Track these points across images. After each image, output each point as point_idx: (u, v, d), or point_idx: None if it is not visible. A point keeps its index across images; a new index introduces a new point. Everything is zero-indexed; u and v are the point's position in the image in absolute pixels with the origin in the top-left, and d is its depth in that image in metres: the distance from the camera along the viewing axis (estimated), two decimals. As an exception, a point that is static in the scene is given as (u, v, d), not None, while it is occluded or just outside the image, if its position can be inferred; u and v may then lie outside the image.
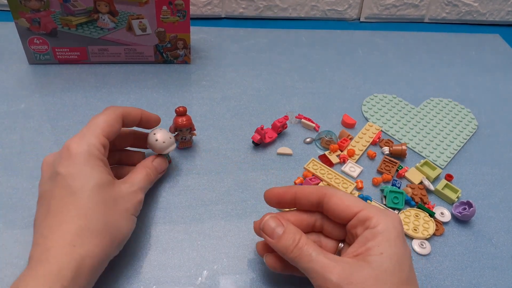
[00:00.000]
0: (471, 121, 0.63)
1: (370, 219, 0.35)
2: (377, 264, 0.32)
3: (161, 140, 0.47)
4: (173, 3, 0.60)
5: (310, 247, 0.34)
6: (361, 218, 0.35)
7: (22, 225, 0.44)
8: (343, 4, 0.83)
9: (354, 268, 0.33)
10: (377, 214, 0.35)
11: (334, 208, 0.37)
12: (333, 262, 0.33)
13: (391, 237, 0.34)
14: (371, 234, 0.34)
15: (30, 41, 0.62)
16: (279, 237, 0.35)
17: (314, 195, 0.38)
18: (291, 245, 0.35)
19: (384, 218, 0.35)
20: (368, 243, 0.34)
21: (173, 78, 0.65)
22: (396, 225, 0.35)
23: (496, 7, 0.85)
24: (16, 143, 0.53)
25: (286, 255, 0.35)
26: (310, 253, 0.34)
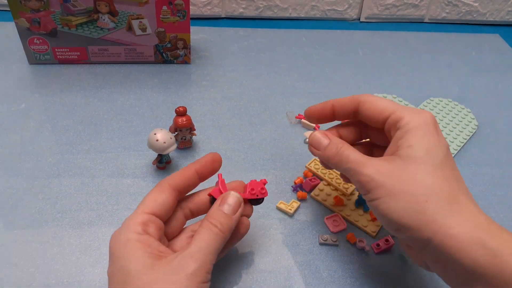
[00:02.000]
0: (471, 121, 0.63)
1: (401, 120, 0.36)
2: (405, 155, 0.34)
3: (162, 140, 0.47)
4: (173, 3, 0.60)
5: (349, 151, 0.37)
6: (393, 120, 0.37)
7: (22, 225, 0.44)
8: (343, 4, 0.83)
9: (384, 162, 0.35)
10: (408, 114, 0.36)
11: (368, 113, 0.39)
12: (366, 159, 0.36)
13: (420, 131, 0.35)
14: (402, 132, 0.36)
15: (30, 41, 0.62)
16: (325, 148, 0.39)
17: (349, 104, 0.40)
18: (334, 152, 0.38)
19: (415, 116, 0.36)
20: (399, 141, 0.35)
21: (173, 78, 0.65)
22: (428, 121, 0.36)
23: (496, 7, 0.85)
24: (16, 143, 0.53)
25: (330, 162, 0.39)
26: (348, 155, 0.37)
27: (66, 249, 0.43)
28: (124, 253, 0.33)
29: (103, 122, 0.57)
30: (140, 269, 0.32)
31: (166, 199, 0.37)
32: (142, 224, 0.35)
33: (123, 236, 0.34)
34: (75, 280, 0.40)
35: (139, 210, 0.36)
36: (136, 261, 0.32)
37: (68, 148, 0.53)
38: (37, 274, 0.40)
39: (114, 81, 0.64)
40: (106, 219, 0.46)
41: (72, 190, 0.48)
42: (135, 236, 0.34)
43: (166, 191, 0.37)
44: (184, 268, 0.32)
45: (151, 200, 0.36)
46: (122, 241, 0.34)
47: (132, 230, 0.34)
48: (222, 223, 0.35)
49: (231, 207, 0.36)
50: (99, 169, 0.51)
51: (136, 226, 0.34)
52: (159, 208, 0.36)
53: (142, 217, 0.35)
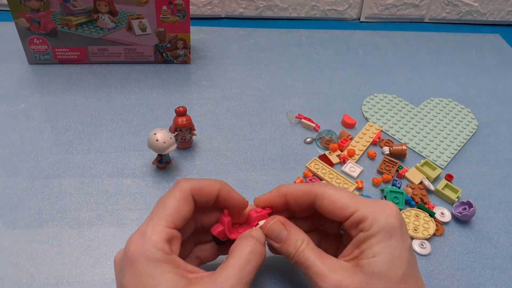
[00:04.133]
0: (471, 121, 0.63)
1: (364, 221, 0.34)
2: (369, 267, 0.32)
3: (162, 140, 0.47)
4: (173, 3, 0.60)
5: (310, 252, 0.35)
6: (355, 221, 0.35)
7: (22, 225, 0.44)
8: (343, 4, 0.83)
9: (346, 275, 0.33)
10: (372, 213, 0.34)
11: (328, 210, 0.36)
12: (327, 270, 0.33)
13: (385, 237, 0.33)
14: (365, 237, 0.34)
15: (30, 41, 0.62)
16: (283, 242, 0.36)
17: (305, 198, 0.37)
18: (293, 252, 0.35)
19: (379, 216, 0.34)
20: (361, 246, 0.34)
21: (173, 78, 0.65)
22: (392, 221, 0.34)
23: (496, 7, 0.85)
24: (16, 143, 0.53)
25: (288, 259, 0.36)
26: (307, 259, 0.34)
27: (66, 249, 0.43)
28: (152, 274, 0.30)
29: (103, 122, 0.57)
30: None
31: (190, 212, 0.34)
32: (167, 241, 0.32)
33: (150, 253, 0.31)
34: (75, 280, 0.40)
35: (162, 221, 0.32)
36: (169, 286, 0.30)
37: (68, 148, 0.53)
38: (37, 274, 0.40)
39: (114, 81, 0.64)
40: (106, 219, 0.46)
41: (72, 190, 0.48)
42: (163, 256, 0.31)
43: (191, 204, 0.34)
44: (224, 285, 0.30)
45: (175, 211, 0.33)
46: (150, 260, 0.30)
47: (159, 248, 0.31)
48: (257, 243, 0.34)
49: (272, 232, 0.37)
50: (99, 169, 0.51)
51: (162, 244, 0.31)
52: (182, 222, 0.33)
53: (167, 232, 0.32)
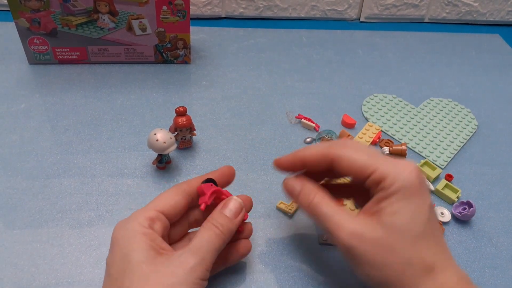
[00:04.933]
0: (471, 121, 0.63)
1: (384, 180, 0.34)
2: (388, 224, 0.33)
3: (162, 140, 0.47)
4: (173, 3, 0.60)
5: (324, 205, 0.36)
6: (375, 180, 0.34)
7: (22, 225, 0.44)
8: (343, 4, 0.83)
9: (365, 228, 0.34)
10: (392, 171, 0.34)
11: (347, 171, 0.36)
12: (346, 221, 0.34)
13: (405, 195, 0.33)
14: (386, 194, 0.34)
15: (30, 41, 0.62)
16: (297, 195, 0.38)
17: (322, 162, 0.37)
18: (306, 203, 0.37)
19: (399, 174, 0.34)
20: (382, 203, 0.34)
21: (173, 78, 0.65)
22: (413, 179, 0.33)
23: (496, 7, 0.85)
24: (16, 143, 0.53)
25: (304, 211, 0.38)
26: (324, 213, 0.35)
27: (66, 249, 0.43)
28: (127, 243, 0.33)
29: (103, 122, 0.57)
30: (142, 259, 0.32)
31: (179, 202, 0.37)
32: (149, 219, 0.35)
33: (129, 226, 0.34)
34: (75, 280, 0.40)
35: (150, 206, 0.36)
36: (139, 252, 0.33)
37: (68, 148, 0.53)
38: (37, 274, 0.40)
39: (114, 81, 0.64)
40: (106, 219, 0.46)
41: (72, 190, 0.48)
42: (141, 229, 0.34)
43: (181, 195, 0.38)
44: (183, 263, 0.33)
45: (164, 199, 0.37)
46: (128, 232, 0.34)
47: (139, 222, 0.35)
48: (223, 225, 0.36)
49: (233, 211, 0.37)
50: (99, 169, 0.51)
51: (143, 220, 0.35)
52: (169, 208, 0.37)
53: (151, 213, 0.36)
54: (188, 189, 0.38)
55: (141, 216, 0.35)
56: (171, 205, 0.37)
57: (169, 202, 0.37)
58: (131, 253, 0.33)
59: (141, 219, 0.35)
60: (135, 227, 0.34)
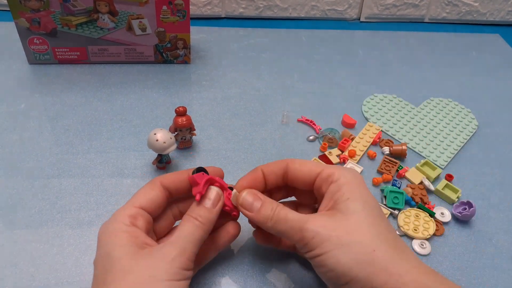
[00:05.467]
0: (471, 121, 0.63)
1: (332, 175, 0.37)
2: (345, 208, 0.35)
3: (162, 140, 0.47)
4: (173, 3, 0.60)
5: (285, 210, 0.36)
6: (324, 176, 0.37)
7: (22, 225, 0.44)
8: (343, 4, 0.83)
9: (325, 216, 0.35)
10: (338, 170, 0.37)
11: (297, 174, 0.39)
12: (306, 216, 0.35)
13: (354, 185, 0.36)
14: (336, 187, 0.36)
15: (30, 41, 0.62)
16: (258, 210, 0.37)
17: (278, 167, 0.40)
18: (270, 213, 0.37)
19: (345, 171, 0.37)
20: (335, 195, 0.36)
21: (173, 78, 0.65)
22: (357, 175, 0.37)
23: (496, 7, 0.85)
24: (16, 143, 0.53)
25: (265, 225, 0.37)
26: (285, 215, 0.36)
27: (66, 249, 0.43)
28: (109, 242, 0.34)
29: (103, 122, 0.57)
30: (122, 255, 0.33)
31: (156, 196, 0.37)
32: (130, 216, 0.35)
33: (110, 226, 0.35)
34: (75, 280, 0.40)
35: (129, 204, 0.36)
36: (120, 249, 0.33)
37: (68, 148, 0.53)
38: (37, 274, 0.40)
39: (114, 81, 0.64)
40: (106, 219, 0.45)
41: (72, 190, 0.48)
42: (123, 227, 0.34)
43: (157, 189, 0.38)
44: (165, 255, 0.33)
45: (141, 195, 0.37)
46: (109, 231, 0.34)
47: (120, 221, 0.35)
48: (202, 216, 0.36)
49: (211, 201, 0.37)
50: (99, 169, 0.51)
51: (124, 218, 0.35)
52: (148, 203, 0.37)
53: (131, 210, 0.36)
54: (164, 182, 0.38)
55: (121, 215, 0.35)
56: (149, 200, 0.37)
57: (146, 197, 0.37)
58: (112, 251, 0.33)
59: (121, 217, 0.35)
60: (116, 226, 0.35)
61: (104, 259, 0.33)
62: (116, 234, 0.34)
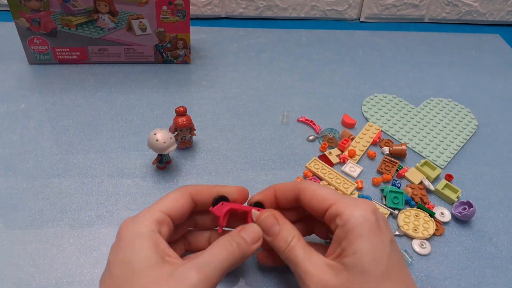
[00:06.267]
0: (471, 121, 0.63)
1: (340, 215, 0.35)
2: (351, 265, 0.33)
3: (162, 140, 0.47)
4: (173, 3, 0.60)
5: (300, 249, 0.36)
6: (332, 214, 0.36)
7: (22, 225, 0.44)
8: (343, 4, 0.83)
9: (330, 274, 0.34)
10: (348, 208, 0.35)
11: (308, 202, 0.38)
12: (314, 269, 0.34)
13: (363, 232, 0.33)
14: (343, 232, 0.34)
15: (30, 41, 0.62)
16: (275, 236, 0.37)
17: (290, 192, 0.39)
18: (283, 246, 0.36)
19: (355, 211, 0.34)
20: (342, 243, 0.34)
21: (173, 78, 0.65)
22: (368, 216, 0.34)
23: (496, 7, 0.85)
24: (16, 143, 0.53)
25: (278, 254, 0.37)
26: (297, 256, 0.35)
27: (66, 249, 0.43)
28: (132, 246, 0.33)
29: (103, 122, 0.57)
30: (144, 267, 0.32)
31: (183, 205, 0.37)
32: (157, 222, 0.35)
33: (136, 228, 0.34)
34: (75, 280, 0.40)
35: (157, 207, 0.36)
36: (143, 259, 0.32)
37: (68, 148, 0.53)
38: (37, 274, 0.40)
39: (114, 81, 0.64)
40: (106, 219, 0.46)
41: (72, 190, 0.48)
42: (148, 232, 0.34)
43: (186, 198, 0.37)
44: (186, 278, 0.31)
45: (169, 201, 0.36)
46: (134, 233, 0.33)
47: (146, 225, 0.34)
48: (239, 244, 0.35)
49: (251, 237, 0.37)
50: (99, 169, 0.51)
51: (151, 223, 0.34)
52: (174, 211, 0.36)
53: (159, 215, 0.35)
54: (193, 194, 0.38)
55: (149, 218, 0.34)
56: (177, 209, 0.36)
57: (175, 205, 0.36)
58: (135, 258, 0.32)
59: (149, 221, 0.34)
60: (142, 229, 0.34)
61: (126, 264, 0.32)
62: (141, 240, 0.33)
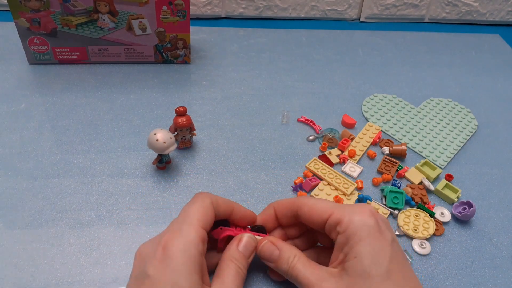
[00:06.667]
0: (471, 121, 0.63)
1: (340, 223, 0.36)
2: (352, 269, 0.34)
3: (162, 140, 0.47)
4: (173, 3, 0.60)
5: (300, 266, 0.37)
6: (332, 223, 0.37)
7: (22, 225, 0.44)
8: (343, 4, 0.83)
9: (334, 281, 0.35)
10: (347, 215, 0.36)
11: (307, 217, 0.39)
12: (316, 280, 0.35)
13: (362, 236, 0.34)
14: (344, 238, 0.35)
15: (30, 41, 0.62)
16: (276, 261, 0.38)
17: (289, 209, 0.40)
18: (286, 268, 0.37)
19: (354, 217, 0.36)
20: (344, 249, 0.35)
21: (173, 78, 0.65)
22: (367, 220, 0.35)
23: (496, 7, 0.85)
24: (16, 143, 0.53)
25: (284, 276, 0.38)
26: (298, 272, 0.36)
27: (66, 249, 0.43)
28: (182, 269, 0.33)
29: (103, 122, 0.57)
30: None
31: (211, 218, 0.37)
32: (202, 242, 0.35)
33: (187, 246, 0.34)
34: (75, 280, 0.40)
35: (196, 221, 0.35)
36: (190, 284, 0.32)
37: (68, 148, 0.53)
38: (37, 274, 0.40)
39: (114, 81, 0.64)
40: (106, 219, 0.46)
41: (72, 190, 0.48)
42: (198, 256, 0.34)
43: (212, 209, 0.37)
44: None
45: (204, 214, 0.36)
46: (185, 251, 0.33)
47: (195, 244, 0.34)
48: (241, 262, 0.37)
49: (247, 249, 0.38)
50: (99, 169, 0.51)
51: (198, 243, 0.34)
52: (207, 226, 0.36)
53: (202, 233, 0.35)
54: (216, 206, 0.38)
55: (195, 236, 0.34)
56: (208, 222, 0.36)
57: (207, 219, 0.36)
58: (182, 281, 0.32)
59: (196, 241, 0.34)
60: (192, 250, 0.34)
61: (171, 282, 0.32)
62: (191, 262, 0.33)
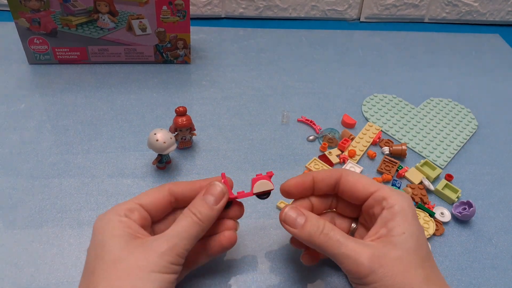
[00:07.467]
0: (471, 121, 0.63)
1: (386, 199, 0.36)
2: (401, 244, 0.34)
3: (162, 140, 0.47)
4: (173, 3, 0.60)
5: (337, 233, 0.35)
6: (377, 198, 0.37)
7: (22, 225, 0.44)
8: (343, 4, 0.83)
9: (382, 250, 0.34)
10: (392, 194, 0.36)
11: (351, 188, 0.38)
12: (362, 246, 0.34)
13: (408, 216, 0.35)
14: (390, 214, 0.35)
15: (30, 41, 0.62)
16: (302, 226, 0.36)
17: (331, 178, 0.39)
18: (317, 231, 0.36)
19: (399, 197, 0.36)
20: (389, 224, 0.35)
21: (173, 78, 0.65)
22: (410, 204, 0.36)
23: (496, 7, 0.85)
24: (16, 143, 0.53)
25: (311, 242, 0.36)
26: (338, 239, 0.35)
27: (66, 249, 0.43)
28: (102, 231, 0.34)
29: (103, 122, 0.57)
30: (114, 244, 0.33)
31: (159, 198, 0.38)
32: (127, 209, 0.36)
33: (105, 216, 0.35)
34: (75, 280, 0.40)
35: (129, 200, 0.37)
36: (113, 238, 0.33)
37: (68, 148, 0.53)
38: (37, 274, 0.40)
39: (114, 81, 0.64)
40: (106, 219, 0.46)
41: (72, 190, 0.48)
42: (117, 217, 0.35)
43: (163, 193, 0.38)
44: (156, 247, 0.33)
45: (144, 194, 0.38)
46: (104, 221, 0.35)
47: (115, 213, 0.35)
48: (202, 213, 0.36)
49: (214, 197, 0.37)
50: (99, 169, 0.51)
51: (119, 210, 0.36)
52: (148, 202, 0.37)
53: (130, 204, 0.36)
54: (174, 189, 0.38)
55: (118, 207, 0.36)
56: (150, 200, 0.37)
57: (149, 197, 0.37)
58: (105, 240, 0.33)
59: (118, 210, 0.36)
60: (111, 216, 0.35)
61: (97, 247, 0.34)
62: (110, 223, 0.35)
